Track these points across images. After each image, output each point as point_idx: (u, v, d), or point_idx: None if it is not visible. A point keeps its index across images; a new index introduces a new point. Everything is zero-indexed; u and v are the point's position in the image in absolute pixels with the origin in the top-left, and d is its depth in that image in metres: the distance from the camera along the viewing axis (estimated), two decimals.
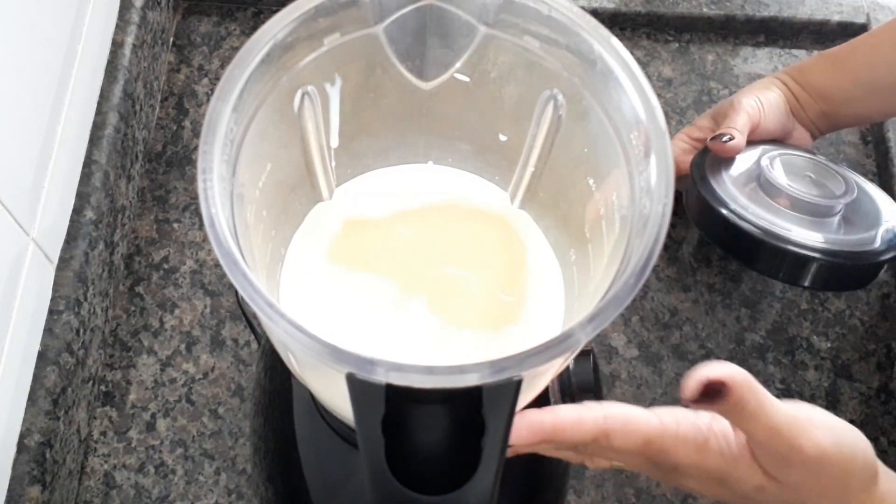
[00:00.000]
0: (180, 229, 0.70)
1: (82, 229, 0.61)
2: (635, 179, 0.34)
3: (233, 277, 0.29)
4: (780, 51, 0.83)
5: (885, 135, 0.77)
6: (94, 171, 0.63)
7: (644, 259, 0.31)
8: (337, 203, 0.45)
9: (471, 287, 0.42)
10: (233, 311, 0.67)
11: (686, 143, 0.68)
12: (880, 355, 0.70)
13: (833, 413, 0.38)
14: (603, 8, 0.81)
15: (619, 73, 0.35)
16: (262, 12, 0.81)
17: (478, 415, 0.31)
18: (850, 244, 0.59)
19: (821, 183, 0.63)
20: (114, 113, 0.65)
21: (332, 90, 0.40)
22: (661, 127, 0.33)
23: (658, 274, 0.72)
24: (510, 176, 0.45)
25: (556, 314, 0.42)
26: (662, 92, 0.80)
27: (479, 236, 0.44)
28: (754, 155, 0.64)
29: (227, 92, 0.33)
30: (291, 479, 0.47)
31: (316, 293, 0.41)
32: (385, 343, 0.40)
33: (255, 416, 0.52)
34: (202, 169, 0.31)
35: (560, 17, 0.36)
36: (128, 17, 0.69)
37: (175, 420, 0.63)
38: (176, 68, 0.78)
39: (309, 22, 0.35)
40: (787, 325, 0.70)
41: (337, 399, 0.38)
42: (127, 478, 0.61)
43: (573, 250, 0.42)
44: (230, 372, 0.65)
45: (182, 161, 0.74)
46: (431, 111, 0.43)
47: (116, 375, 0.65)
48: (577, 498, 0.63)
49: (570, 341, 0.29)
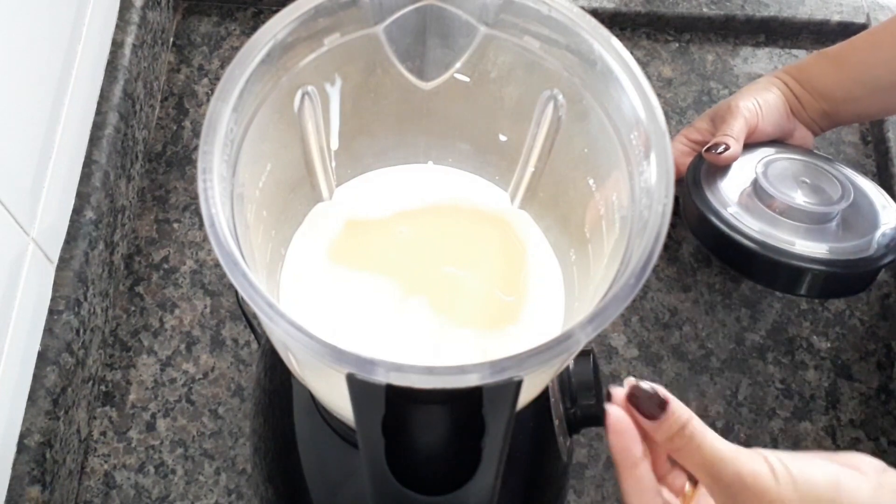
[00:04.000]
0: (180, 229, 0.70)
1: (82, 229, 0.61)
2: (635, 180, 0.34)
3: (233, 277, 0.29)
4: (780, 51, 0.83)
5: (885, 135, 0.77)
6: (94, 171, 0.63)
7: (644, 259, 0.31)
8: (337, 203, 0.45)
9: (471, 287, 0.42)
10: (233, 311, 0.67)
11: (685, 145, 0.68)
12: (880, 355, 0.70)
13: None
14: (603, 8, 0.81)
15: (619, 73, 0.35)
16: (262, 12, 0.81)
17: (478, 415, 0.31)
18: (846, 252, 0.58)
19: (817, 188, 0.62)
20: (114, 113, 0.65)
21: (332, 90, 0.40)
22: (662, 127, 0.33)
23: (658, 274, 0.72)
24: (510, 176, 0.45)
25: (556, 314, 0.42)
26: (662, 92, 0.80)
27: (480, 236, 0.44)
28: (751, 159, 0.64)
29: (227, 92, 0.33)
30: (291, 479, 0.47)
31: (316, 293, 0.41)
32: (385, 343, 0.40)
33: (255, 416, 0.52)
34: (202, 169, 0.31)
35: (560, 17, 0.36)
36: (128, 17, 0.69)
37: (175, 420, 0.63)
38: (176, 68, 0.78)
39: (309, 22, 0.36)
40: (787, 325, 0.70)
41: (337, 399, 0.38)
42: (127, 478, 0.61)
43: (573, 250, 0.42)
44: (230, 372, 0.65)
45: (182, 161, 0.74)
46: (431, 111, 0.43)
47: (116, 375, 0.65)
48: (577, 498, 0.63)
49: (570, 341, 0.29)
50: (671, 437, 0.34)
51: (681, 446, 0.34)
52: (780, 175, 0.62)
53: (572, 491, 0.63)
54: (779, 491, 0.33)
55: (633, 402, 0.35)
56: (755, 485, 0.33)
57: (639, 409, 0.35)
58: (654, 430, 0.35)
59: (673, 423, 0.34)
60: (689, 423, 0.34)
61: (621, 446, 0.35)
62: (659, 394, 0.35)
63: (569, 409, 0.47)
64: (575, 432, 0.48)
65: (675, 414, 0.34)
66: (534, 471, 0.48)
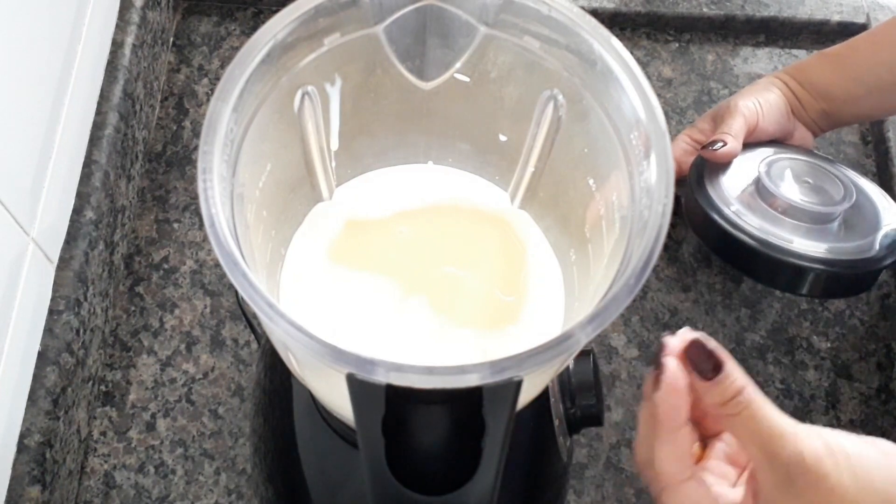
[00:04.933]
0: (180, 229, 0.70)
1: (82, 229, 0.61)
2: (635, 179, 0.34)
3: (233, 277, 0.29)
4: (780, 51, 0.83)
5: (885, 135, 0.77)
6: (94, 171, 0.63)
7: (644, 259, 0.31)
8: (337, 203, 0.45)
9: (471, 287, 0.42)
10: (233, 311, 0.67)
11: (688, 144, 0.68)
12: (880, 355, 0.70)
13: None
14: (603, 8, 0.81)
15: (619, 73, 0.35)
16: (262, 12, 0.81)
17: (478, 415, 0.31)
18: (848, 252, 0.58)
19: (820, 188, 0.62)
20: (114, 113, 0.65)
21: (332, 90, 0.40)
22: (662, 127, 0.33)
23: (658, 274, 0.72)
24: (510, 176, 0.45)
25: (556, 314, 0.42)
26: (662, 92, 0.80)
27: (480, 236, 0.44)
28: (754, 158, 0.64)
29: (227, 92, 0.33)
30: (291, 479, 0.47)
31: (316, 293, 0.41)
32: (385, 343, 0.40)
33: (255, 416, 0.52)
34: (202, 169, 0.31)
35: (560, 17, 0.36)
36: (128, 17, 0.69)
37: (175, 420, 0.63)
38: (176, 68, 0.78)
39: (309, 22, 0.36)
40: (787, 325, 0.70)
41: (337, 399, 0.38)
42: (127, 478, 0.61)
43: (573, 250, 0.42)
44: (230, 372, 0.65)
45: (182, 161, 0.74)
46: (431, 111, 0.43)
47: (116, 375, 0.65)
48: (577, 498, 0.63)
49: (570, 341, 0.29)
50: (725, 402, 0.32)
51: (734, 413, 0.31)
52: (782, 174, 0.63)
53: (572, 491, 0.63)
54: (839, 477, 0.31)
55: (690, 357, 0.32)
56: (816, 468, 0.30)
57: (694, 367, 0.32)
58: (707, 391, 0.32)
59: (728, 387, 0.31)
60: (745, 390, 0.31)
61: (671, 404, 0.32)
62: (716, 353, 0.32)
63: (569, 409, 0.47)
64: (575, 432, 0.48)
65: (730, 377, 0.31)
66: (534, 471, 0.48)
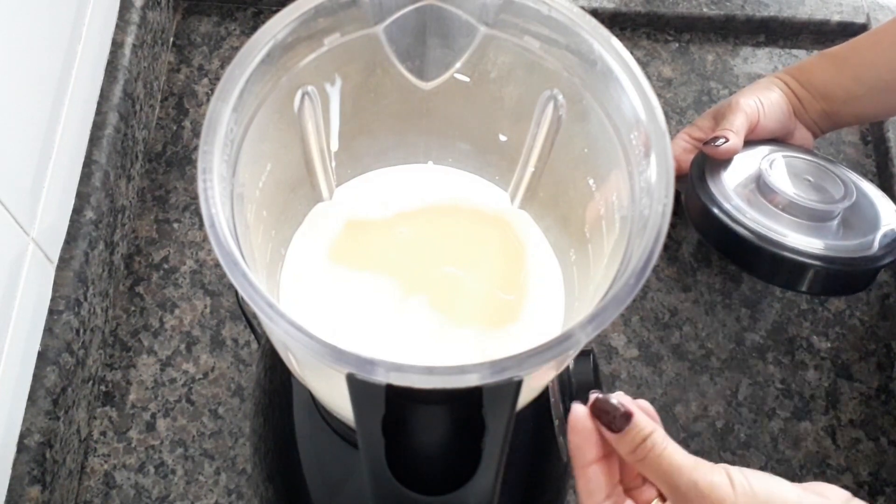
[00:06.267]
0: (180, 229, 0.70)
1: (82, 229, 0.61)
2: (635, 179, 0.34)
3: (233, 277, 0.29)
4: (780, 51, 0.83)
5: (885, 135, 0.77)
6: (94, 171, 0.63)
7: (644, 259, 0.31)
8: (337, 203, 0.45)
9: (471, 287, 0.42)
10: (233, 311, 0.67)
11: (687, 142, 0.68)
12: (880, 355, 0.70)
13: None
14: (603, 8, 0.81)
15: (619, 73, 0.35)
16: (262, 12, 0.81)
17: (478, 415, 0.31)
18: (847, 250, 0.59)
19: (820, 186, 0.63)
20: (114, 113, 0.65)
21: (332, 90, 0.40)
22: (661, 127, 0.33)
23: (658, 274, 0.72)
24: (510, 176, 0.45)
25: (556, 314, 0.42)
26: (662, 92, 0.80)
27: (480, 236, 0.44)
28: (755, 156, 0.64)
29: (227, 92, 0.33)
30: (291, 479, 0.47)
31: (316, 293, 0.41)
32: (385, 343, 0.40)
33: (255, 416, 0.52)
34: (202, 169, 0.31)
35: (560, 17, 0.36)
36: (128, 17, 0.69)
37: (175, 420, 0.63)
38: (176, 68, 0.78)
39: (309, 22, 0.36)
40: (787, 325, 0.70)
41: (337, 399, 0.38)
42: (127, 478, 0.61)
43: (573, 250, 0.42)
44: (230, 372, 0.65)
45: (182, 161, 0.74)
46: (431, 111, 0.43)
47: (116, 375, 0.65)
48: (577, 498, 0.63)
49: (570, 341, 0.29)
50: (634, 448, 0.35)
51: (642, 457, 0.35)
52: (783, 172, 0.63)
53: (572, 491, 0.63)
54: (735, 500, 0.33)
55: (596, 414, 0.36)
56: (711, 494, 0.33)
57: (601, 421, 0.35)
58: (617, 442, 0.35)
59: (636, 435, 0.35)
60: (651, 435, 0.35)
61: (576, 444, 0.36)
62: (623, 407, 0.35)
63: (569, 409, 0.47)
64: None
65: (637, 426, 0.35)
66: (534, 471, 0.48)
